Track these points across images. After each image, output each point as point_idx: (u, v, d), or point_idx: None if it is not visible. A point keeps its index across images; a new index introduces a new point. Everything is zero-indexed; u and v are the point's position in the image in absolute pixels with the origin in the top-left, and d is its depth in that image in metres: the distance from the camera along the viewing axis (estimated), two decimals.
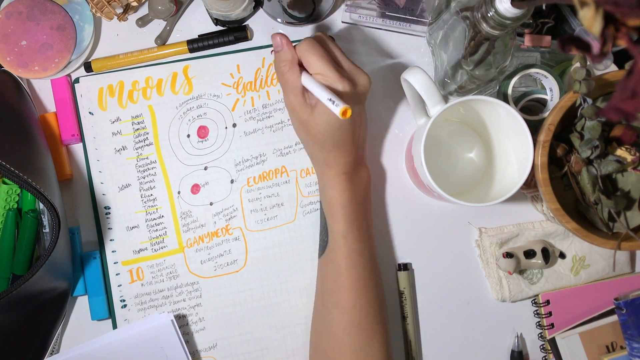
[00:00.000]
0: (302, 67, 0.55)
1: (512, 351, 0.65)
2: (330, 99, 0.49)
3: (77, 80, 0.65)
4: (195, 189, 0.64)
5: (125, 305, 0.63)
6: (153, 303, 0.63)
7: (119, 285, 0.63)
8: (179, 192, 0.64)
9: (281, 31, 0.60)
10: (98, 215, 0.64)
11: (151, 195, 0.64)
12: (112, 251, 0.64)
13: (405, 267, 0.64)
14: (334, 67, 0.53)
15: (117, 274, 0.63)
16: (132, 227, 0.64)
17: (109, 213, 0.64)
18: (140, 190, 0.64)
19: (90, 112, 0.64)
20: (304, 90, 0.54)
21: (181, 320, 0.63)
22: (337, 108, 0.48)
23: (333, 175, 0.58)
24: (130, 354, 0.58)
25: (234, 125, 0.65)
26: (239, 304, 0.64)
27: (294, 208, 0.65)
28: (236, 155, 0.65)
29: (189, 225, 0.64)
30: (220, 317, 0.64)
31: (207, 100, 0.65)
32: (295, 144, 0.65)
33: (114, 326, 0.63)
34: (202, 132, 0.65)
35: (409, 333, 0.64)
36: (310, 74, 0.54)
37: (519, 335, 0.65)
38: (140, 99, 0.65)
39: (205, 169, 0.65)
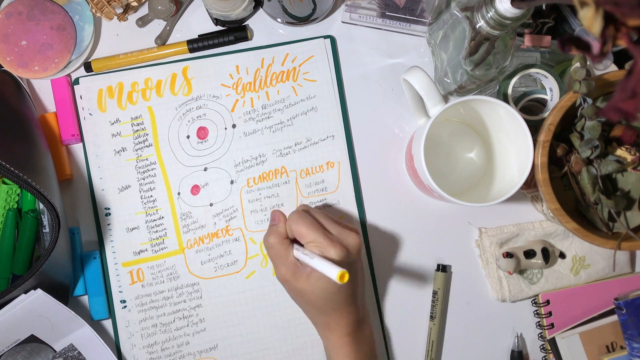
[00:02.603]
0: (292, 241, 0.56)
1: (512, 351, 0.65)
2: (325, 267, 0.50)
3: (76, 82, 0.65)
4: (195, 190, 0.64)
5: (125, 307, 0.63)
6: (153, 304, 0.63)
7: (119, 287, 0.63)
8: (179, 193, 0.64)
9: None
10: (98, 216, 0.64)
11: (151, 196, 0.64)
12: (112, 252, 0.64)
13: (444, 268, 0.64)
14: (324, 234, 0.54)
15: (117, 275, 0.63)
16: (132, 229, 0.64)
17: (109, 214, 0.64)
18: (140, 191, 0.64)
19: (90, 114, 0.64)
20: (296, 261, 0.55)
21: (182, 322, 0.63)
22: (334, 273, 0.48)
23: (336, 339, 0.56)
24: (13, 331, 0.57)
25: (234, 126, 0.65)
26: (240, 305, 0.64)
27: (294, 208, 0.64)
28: (236, 156, 0.65)
29: (189, 226, 0.64)
30: (221, 318, 0.64)
31: (206, 101, 0.65)
32: (295, 145, 0.65)
33: (114, 327, 0.63)
34: (202, 133, 0.65)
35: (432, 333, 0.63)
36: (302, 245, 0.55)
37: (519, 335, 0.65)
38: (139, 100, 0.65)
39: (205, 169, 0.65)
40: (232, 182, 0.65)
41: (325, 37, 0.66)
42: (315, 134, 0.65)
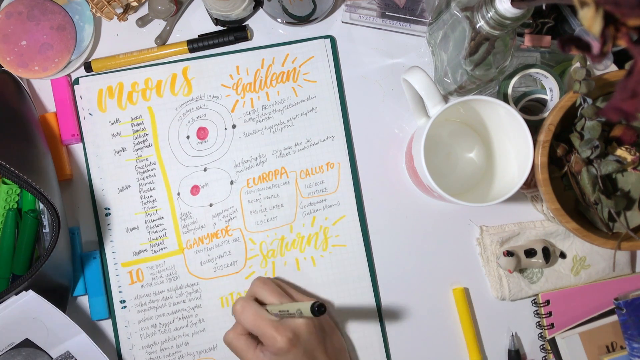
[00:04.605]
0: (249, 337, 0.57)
1: (509, 350, 0.65)
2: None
3: (76, 82, 0.65)
4: (195, 190, 0.64)
5: (125, 307, 0.63)
6: (153, 304, 0.63)
7: (118, 287, 0.63)
8: (178, 194, 0.64)
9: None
10: (98, 216, 0.64)
11: (151, 196, 0.64)
12: (112, 252, 0.64)
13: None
14: (287, 297, 0.58)
15: (117, 275, 0.63)
16: (132, 229, 0.64)
17: (109, 214, 0.64)
18: (140, 191, 0.64)
19: (90, 114, 0.64)
20: (259, 353, 0.55)
21: (181, 322, 0.63)
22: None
23: None
24: (6, 333, 0.56)
25: (234, 126, 0.65)
26: None
27: (293, 209, 0.64)
28: (236, 156, 0.65)
29: (188, 226, 0.64)
30: (220, 318, 0.64)
31: (206, 101, 0.65)
32: (295, 145, 0.65)
33: (114, 327, 0.63)
34: (202, 133, 0.65)
35: None
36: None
37: (514, 334, 0.65)
38: (139, 101, 0.65)
39: (205, 170, 0.65)
40: (231, 182, 0.65)
41: (325, 37, 0.66)
42: (315, 135, 0.65)
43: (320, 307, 0.48)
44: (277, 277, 0.64)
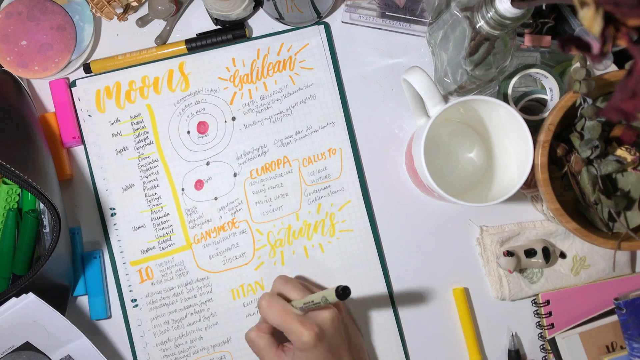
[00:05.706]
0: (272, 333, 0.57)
1: (509, 350, 0.65)
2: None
3: (73, 84, 0.65)
4: (199, 184, 0.64)
5: (137, 306, 0.63)
6: (164, 301, 0.63)
7: (129, 286, 0.63)
8: (182, 189, 0.64)
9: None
10: (103, 217, 0.64)
11: (155, 194, 0.64)
12: (120, 252, 0.64)
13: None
14: (310, 293, 0.56)
15: (126, 275, 0.63)
16: (139, 227, 0.64)
17: (115, 214, 0.64)
18: (144, 189, 0.64)
19: (89, 115, 0.64)
20: (280, 353, 0.55)
21: (193, 317, 0.63)
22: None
23: None
24: (6, 336, 0.56)
25: (233, 118, 0.65)
26: (250, 297, 0.64)
27: (298, 197, 0.65)
28: (237, 148, 0.65)
29: (195, 221, 0.64)
30: (232, 311, 0.64)
31: (204, 95, 0.65)
32: (296, 133, 0.65)
33: (127, 327, 0.63)
34: (202, 127, 0.65)
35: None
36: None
37: (514, 334, 0.65)
38: (137, 99, 0.65)
39: (208, 164, 0.65)
40: (235, 174, 0.65)
41: (319, 23, 0.66)
42: (315, 122, 0.65)
43: (345, 290, 0.48)
44: (298, 275, 0.64)
